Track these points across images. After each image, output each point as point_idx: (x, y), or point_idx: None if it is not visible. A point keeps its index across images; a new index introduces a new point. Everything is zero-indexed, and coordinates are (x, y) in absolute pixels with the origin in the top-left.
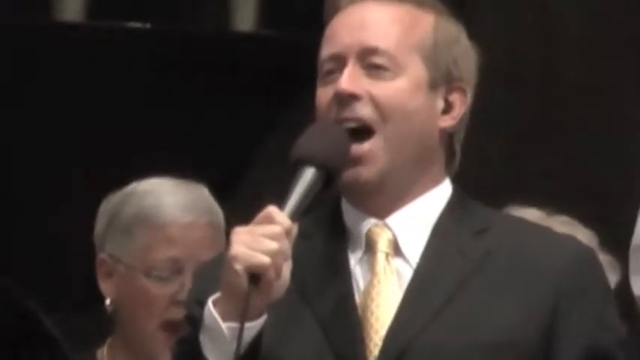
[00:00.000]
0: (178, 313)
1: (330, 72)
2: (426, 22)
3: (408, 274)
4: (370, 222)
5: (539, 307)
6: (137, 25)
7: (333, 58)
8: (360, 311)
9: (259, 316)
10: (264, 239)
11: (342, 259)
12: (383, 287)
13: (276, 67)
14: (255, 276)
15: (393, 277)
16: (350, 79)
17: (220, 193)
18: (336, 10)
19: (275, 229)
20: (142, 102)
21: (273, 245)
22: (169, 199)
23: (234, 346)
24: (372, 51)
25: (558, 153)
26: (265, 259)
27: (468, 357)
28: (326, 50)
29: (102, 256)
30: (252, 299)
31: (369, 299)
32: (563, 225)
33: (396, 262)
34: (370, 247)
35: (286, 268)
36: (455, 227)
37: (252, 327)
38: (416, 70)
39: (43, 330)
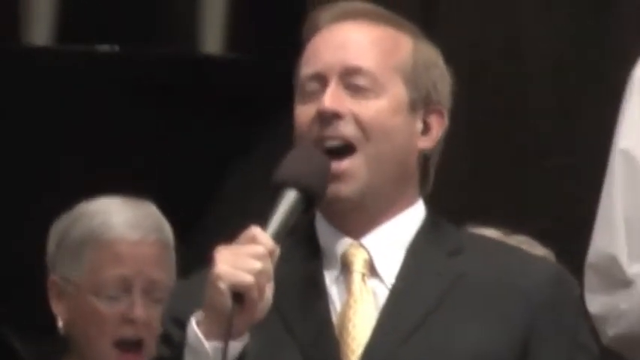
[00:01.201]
0: (130, 331)
1: (311, 91)
2: (406, 44)
3: (383, 293)
4: (346, 242)
5: (514, 326)
6: (106, 48)
7: (315, 77)
8: (337, 331)
9: (242, 335)
10: (248, 258)
11: (318, 279)
12: (359, 307)
13: (244, 90)
14: (239, 295)
15: (369, 297)
16: (333, 98)
17: (187, 216)
18: (314, 29)
19: (258, 249)
20: (111, 126)
21: (257, 265)
22: (117, 217)
23: None
24: (354, 70)
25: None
26: (249, 278)
27: None
28: (306, 69)
29: (53, 277)
30: (235, 318)
31: (346, 319)
32: (521, 244)
33: (372, 282)
34: (346, 268)
35: (269, 289)
36: (429, 248)
37: (235, 346)
38: (397, 91)
39: (15, 352)
